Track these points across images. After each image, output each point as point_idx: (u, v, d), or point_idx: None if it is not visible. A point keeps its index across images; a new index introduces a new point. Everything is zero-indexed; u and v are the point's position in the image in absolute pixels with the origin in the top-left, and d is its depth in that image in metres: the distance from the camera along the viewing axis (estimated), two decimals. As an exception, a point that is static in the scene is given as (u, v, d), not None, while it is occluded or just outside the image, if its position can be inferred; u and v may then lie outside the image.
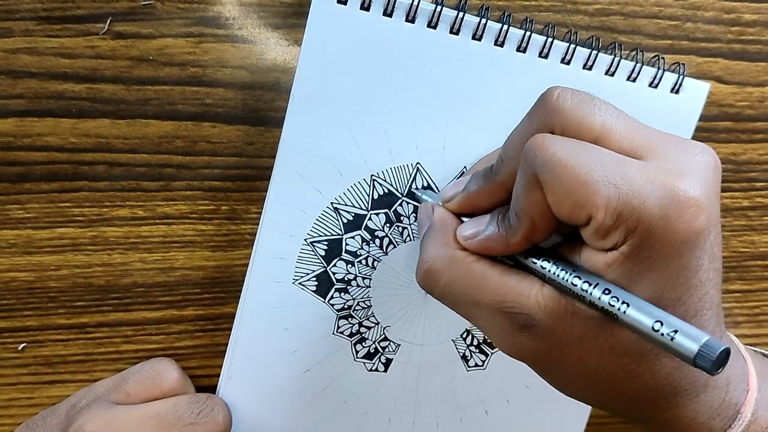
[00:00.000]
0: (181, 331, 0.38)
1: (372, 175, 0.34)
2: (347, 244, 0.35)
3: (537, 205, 0.25)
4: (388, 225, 0.35)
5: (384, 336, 0.37)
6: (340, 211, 0.35)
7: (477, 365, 0.38)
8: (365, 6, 0.32)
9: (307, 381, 0.37)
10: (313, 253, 0.35)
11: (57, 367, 0.38)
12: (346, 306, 0.37)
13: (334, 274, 0.36)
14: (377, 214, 0.35)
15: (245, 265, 0.36)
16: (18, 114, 0.35)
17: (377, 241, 0.35)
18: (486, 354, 0.38)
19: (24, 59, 0.34)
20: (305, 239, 0.35)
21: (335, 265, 0.36)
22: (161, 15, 0.34)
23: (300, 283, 0.36)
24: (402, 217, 0.35)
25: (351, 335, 0.37)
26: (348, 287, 0.36)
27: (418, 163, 0.34)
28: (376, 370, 0.38)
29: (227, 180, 0.36)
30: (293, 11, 0.34)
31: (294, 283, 0.36)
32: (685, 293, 0.25)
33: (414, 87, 0.33)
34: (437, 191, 0.34)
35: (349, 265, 0.36)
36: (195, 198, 0.36)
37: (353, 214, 0.35)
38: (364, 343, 0.37)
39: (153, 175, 0.36)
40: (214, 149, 0.36)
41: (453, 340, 0.37)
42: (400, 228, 0.35)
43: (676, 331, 0.22)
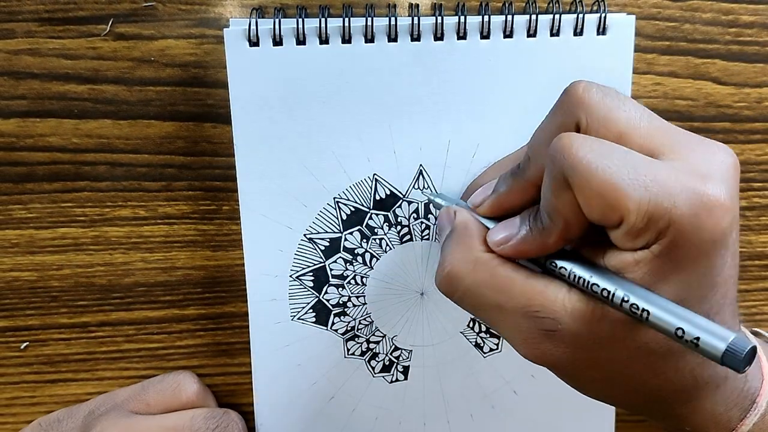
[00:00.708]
0: (183, 331, 0.38)
1: (335, 198, 0.35)
2: (331, 269, 0.36)
3: (568, 205, 0.25)
4: (365, 240, 0.35)
5: (394, 346, 0.37)
6: (314, 241, 0.35)
7: (492, 350, 0.38)
8: (278, 41, 0.32)
9: (334, 408, 0.38)
10: (302, 287, 0.36)
11: (59, 366, 0.38)
12: (349, 328, 0.37)
13: (328, 300, 0.36)
14: (351, 233, 0.35)
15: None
16: (20, 115, 0.35)
17: (359, 259, 0.36)
18: (498, 337, 0.38)
19: (26, 60, 0.34)
20: (290, 275, 0.35)
21: (327, 292, 0.36)
22: (163, 16, 0.34)
23: (299, 318, 0.36)
24: (376, 229, 0.35)
25: (362, 354, 0.37)
26: (345, 309, 0.36)
27: (375, 174, 0.34)
28: (396, 380, 0.38)
29: (228, 180, 0.36)
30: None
31: (293, 320, 0.36)
32: (710, 291, 0.25)
33: (347, 102, 0.33)
34: (402, 197, 0.35)
35: (340, 289, 0.36)
36: (196, 198, 0.36)
37: (328, 239, 0.35)
38: (377, 358, 0.38)
39: (155, 175, 0.36)
40: (215, 149, 0.36)
41: (462, 332, 0.38)
42: (377, 240, 0.35)
43: (701, 334, 0.22)
